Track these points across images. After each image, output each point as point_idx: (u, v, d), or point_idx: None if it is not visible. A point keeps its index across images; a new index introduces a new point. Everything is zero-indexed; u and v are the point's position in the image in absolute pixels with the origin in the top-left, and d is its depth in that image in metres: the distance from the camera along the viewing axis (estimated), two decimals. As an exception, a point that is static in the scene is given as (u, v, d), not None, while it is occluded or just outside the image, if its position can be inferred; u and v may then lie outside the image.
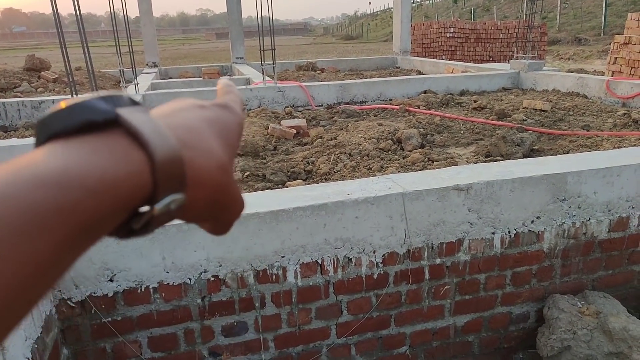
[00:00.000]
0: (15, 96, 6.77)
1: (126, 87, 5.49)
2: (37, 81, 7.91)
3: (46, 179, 0.26)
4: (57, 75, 8.06)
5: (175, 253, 1.93)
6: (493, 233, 2.29)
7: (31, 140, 3.49)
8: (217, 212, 0.38)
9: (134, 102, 0.34)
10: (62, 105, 0.31)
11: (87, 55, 3.39)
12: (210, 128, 0.38)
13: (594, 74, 9.10)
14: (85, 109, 0.31)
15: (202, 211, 0.37)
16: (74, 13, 3.44)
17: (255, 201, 2.06)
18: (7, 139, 4.34)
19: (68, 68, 3.24)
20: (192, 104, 0.40)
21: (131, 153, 0.30)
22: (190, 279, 1.98)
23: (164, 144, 0.32)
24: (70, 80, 3.28)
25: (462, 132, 4.44)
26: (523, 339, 2.53)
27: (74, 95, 3.25)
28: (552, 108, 4.98)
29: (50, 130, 0.30)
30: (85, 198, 0.27)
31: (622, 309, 2.34)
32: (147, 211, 0.32)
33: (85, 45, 3.35)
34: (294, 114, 5.28)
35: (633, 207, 2.45)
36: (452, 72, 7.82)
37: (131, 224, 0.32)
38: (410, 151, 3.72)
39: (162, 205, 0.32)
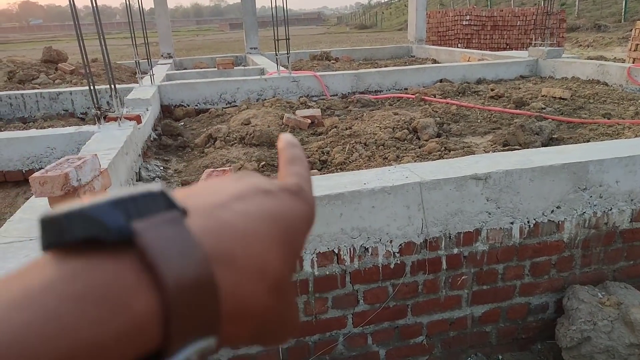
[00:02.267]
0: (34, 88, 6.87)
1: (142, 78, 5.52)
2: (55, 73, 8.00)
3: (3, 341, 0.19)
4: (74, 67, 8.15)
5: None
6: (512, 223, 2.26)
7: (50, 131, 3.54)
8: (262, 339, 0.30)
9: (169, 203, 0.26)
10: (67, 208, 0.24)
11: (103, 47, 3.40)
12: (273, 229, 0.29)
13: (615, 61, 8.89)
14: (90, 221, 0.23)
15: (242, 344, 0.29)
16: (89, 5, 3.46)
17: (271, 191, 2.06)
18: (26, 129, 4.40)
19: (85, 60, 3.26)
20: (256, 187, 0.31)
21: (136, 296, 0.23)
22: (207, 268, 1.99)
23: (190, 274, 0.24)
24: (87, 71, 3.30)
25: (479, 121, 4.38)
26: (541, 329, 2.51)
27: (92, 87, 3.28)
28: (571, 96, 4.89)
29: (48, 239, 0.24)
30: None
31: (644, 300, 2.30)
32: None
33: (101, 37, 3.37)
34: (309, 104, 5.26)
35: (656, 197, 2.40)
36: (468, 61, 7.71)
37: None
38: (426, 140, 3.68)
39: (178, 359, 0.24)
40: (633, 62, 8.64)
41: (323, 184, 2.10)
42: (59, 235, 0.24)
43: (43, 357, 0.20)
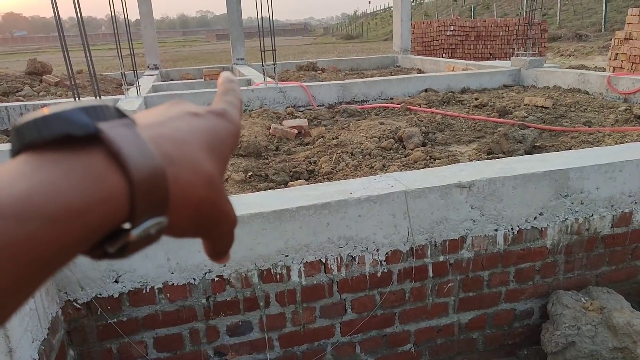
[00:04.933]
0: (18, 100, 6.80)
1: (128, 89, 5.51)
2: (39, 85, 7.94)
3: (3, 210, 0.24)
4: (58, 79, 8.09)
5: (179, 254, 1.94)
6: (496, 230, 2.29)
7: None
8: (205, 229, 0.36)
9: (120, 114, 0.32)
10: (41, 112, 0.29)
11: (88, 58, 3.40)
12: (201, 140, 0.35)
13: (595, 70, 9.09)
14: (64, 120, 0.28)
15: (187, 230, 0.35)
16: (74, 17, 3.46)
17: (258, 201, 2.07)
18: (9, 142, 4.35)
19: (70, 71, 3.25)
20: (186, 111, 0.38)
21: (108, 175, 0.28)
22: (194, 279, 1.99)
23: (146, 164, 0.29)
24: (72, 83, 3.29)
25: (463, 130, 4.44)
26: (527, 335, 2.54)
27: (77, 99, 3.27)
28: (553, 105, 4.98)
29: (25, 139, 0.28)
30: (45, 229, 0.25)
31: (626, 304, 2.34)
32: (123, 235, 0.29)
33: (86, 48, 3.37)
34: (296, 114, 5.29)
35: (636, 202, 2.45)
36: (452, 70, 7.82)
37: (105, 247, 0.30)
38: (412, 149, 3.73)
39: (140, 230, 0.30)
40: (613, 71, 8.83)
41: (310, 194, 2.12)
42: (38, 134, 0.28)
43: (46, 213, 0.25)
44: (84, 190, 0.27)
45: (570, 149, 3.57)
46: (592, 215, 2.41)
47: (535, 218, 2.33)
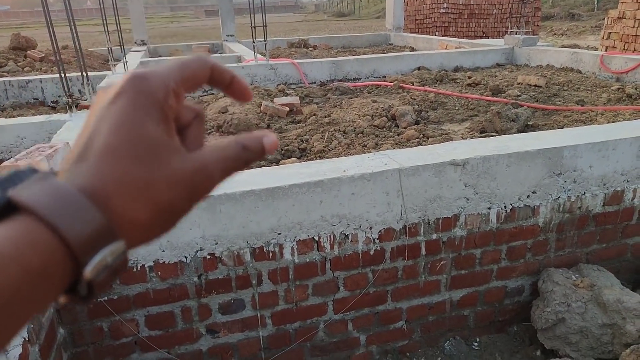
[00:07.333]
0: (2, 76, 6.63)
1: (115, 65, 5.39)
2: (24, 60, 7.74)
3: None
4: (43, 54, 7.90)
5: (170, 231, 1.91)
6: (489, 208, 2.29)
7: (19, 120, 3.43)
8: (180, 214, 0.34)
9: (33, 171, 0.30)
10: None
11: (74, 33, 3.30)
12: (117, 140, 0.31)
13: (588, 50, 9.06)
14: None
15: (158, 230, 0.33)
16: (59, -12, 3.34)
17: (250, 179, 2.04)
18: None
19: (55, 47, 3.16)
20: (103, 102, 0.33)
21: (35, 234, 0.28)
22: (186, 257, 1.96)
23: (66, 208, 0.28)
24: (58, 59, 3.20)
25: (456, 108, 4.41)
26: (518, 312, 2.56)
27: (62, 74, 3.18)
28: (546, 83, 4.96)
29: None
30: None
31: (615, 281, 2.37)
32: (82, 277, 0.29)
33: (72, 23, 3.27)
34: (287, 92, 5.21)
35: (628, 181, 2.46)
36: (445, 49, 7.74)
37: (79, 291, 0.30)
38: (405, 128, 3.69)
39: (93, 266, 0.29)
40: (605, 50, 8.81)
41: (303, 172, 2.09)
42: None
43: None
44: (17, 250, 0.27)
45: (563, 127, 3.56)
46: (584, 194, 2.41)
47: (528, 196, 2.32)
